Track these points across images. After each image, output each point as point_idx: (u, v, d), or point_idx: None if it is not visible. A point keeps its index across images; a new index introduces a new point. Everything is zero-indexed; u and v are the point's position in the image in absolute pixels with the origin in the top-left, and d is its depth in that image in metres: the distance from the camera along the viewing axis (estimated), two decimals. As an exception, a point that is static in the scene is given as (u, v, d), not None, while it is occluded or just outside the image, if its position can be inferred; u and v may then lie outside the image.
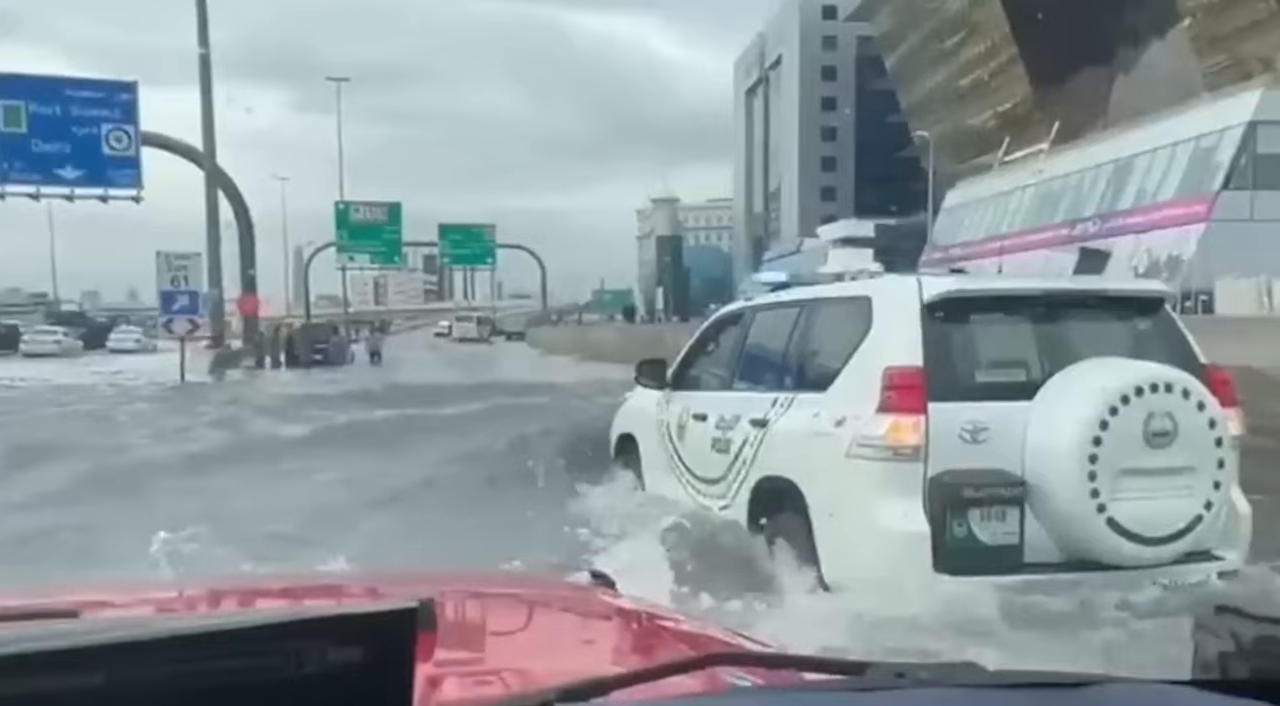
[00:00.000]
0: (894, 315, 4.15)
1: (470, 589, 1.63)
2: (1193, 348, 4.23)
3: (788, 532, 4.33)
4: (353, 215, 49.17)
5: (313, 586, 1.77)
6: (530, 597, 1.64)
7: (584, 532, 5.26)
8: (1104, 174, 33.50)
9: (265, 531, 5.28)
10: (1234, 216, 26.62)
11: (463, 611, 1.44)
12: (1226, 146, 28.24)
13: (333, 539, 4.96)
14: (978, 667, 0.79)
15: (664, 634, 1.37)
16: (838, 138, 70.02)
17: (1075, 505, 3.76)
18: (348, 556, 3.85)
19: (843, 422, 4.10)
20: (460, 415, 11.85)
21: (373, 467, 7.94)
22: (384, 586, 1.64)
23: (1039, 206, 37.13)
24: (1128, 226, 30.83)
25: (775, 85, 76.36)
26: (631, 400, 6.57)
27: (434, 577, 1.79)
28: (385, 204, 50.62)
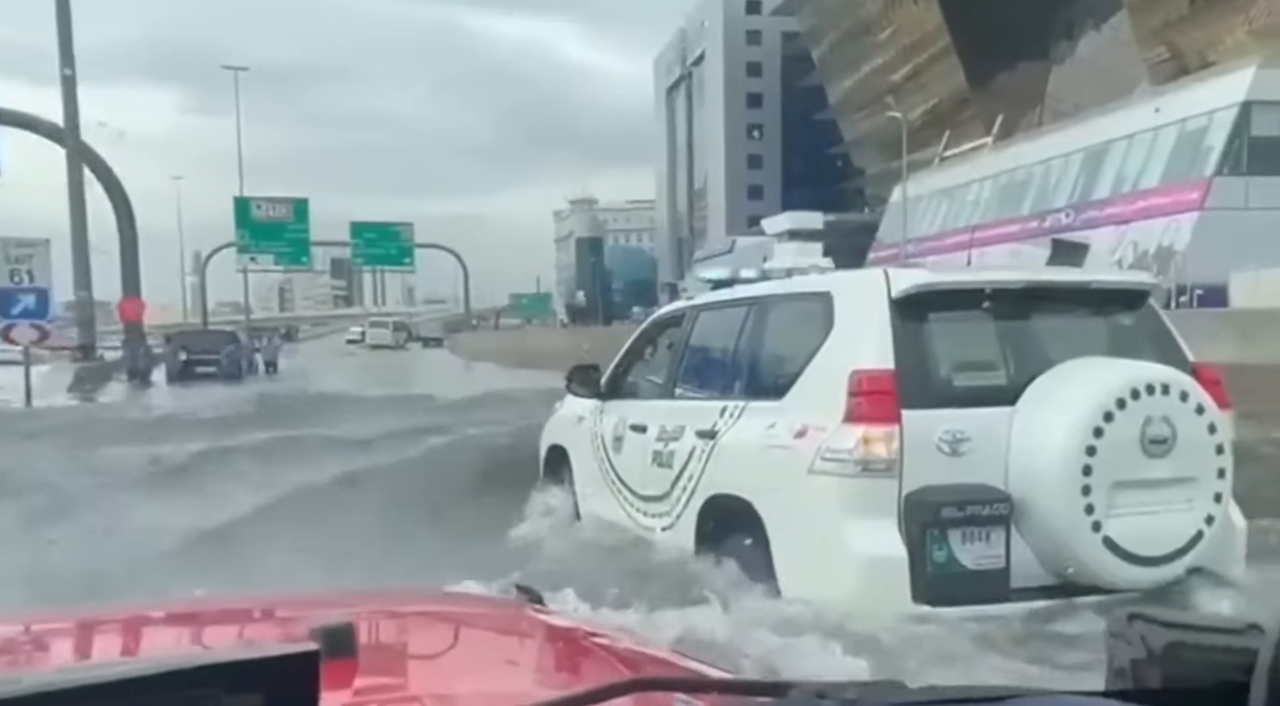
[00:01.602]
0: (859, 312, 3.77)
1: (391, 609, 1.58)
2: (1180, 344, 3.96)
3: (742, 557, 3.92)
4: (254, 212, 46.43)
5: (223, 611, 1.64)
6: (454, 616, 1.58)
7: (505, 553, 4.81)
8: (1074, 162, 32.25)
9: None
10: (1228, 204, 25.11)
11: (383, 634, 1.41)
12: (1218, 129, 26.54)
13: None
14: (900, 685, 0.79)
15: (593, 653, 1.33)
16: (764, 135, 70.43)
17: (1068, 523, 3.43)
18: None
19: (804, 434, 3.70)
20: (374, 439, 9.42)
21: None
22: (300, 610, 1.55)
23: (1001, 198, 36.10)
24: (1107, 217, 29.38)
25: (698, 82, 76.63)
26: (562, 409, 6.11)
27: (353, 599, 1.72)
28: (290, 199, 47.97)
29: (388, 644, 1.41)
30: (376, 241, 49.95)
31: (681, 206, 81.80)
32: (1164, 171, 28.02)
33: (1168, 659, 0.77)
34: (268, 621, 1.53)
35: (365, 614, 1.41)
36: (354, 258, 53.56)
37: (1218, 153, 26.50)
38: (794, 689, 0.78)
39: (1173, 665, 0.76)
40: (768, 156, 70.12)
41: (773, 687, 0.82)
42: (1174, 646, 0.77)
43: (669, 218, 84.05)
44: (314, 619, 1.13)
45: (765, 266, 5.31)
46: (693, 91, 78.61)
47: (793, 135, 66.79)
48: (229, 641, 1.38)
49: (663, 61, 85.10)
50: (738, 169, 70.06)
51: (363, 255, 51.64)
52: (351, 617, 1.12)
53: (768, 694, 0.82)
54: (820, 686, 0.77)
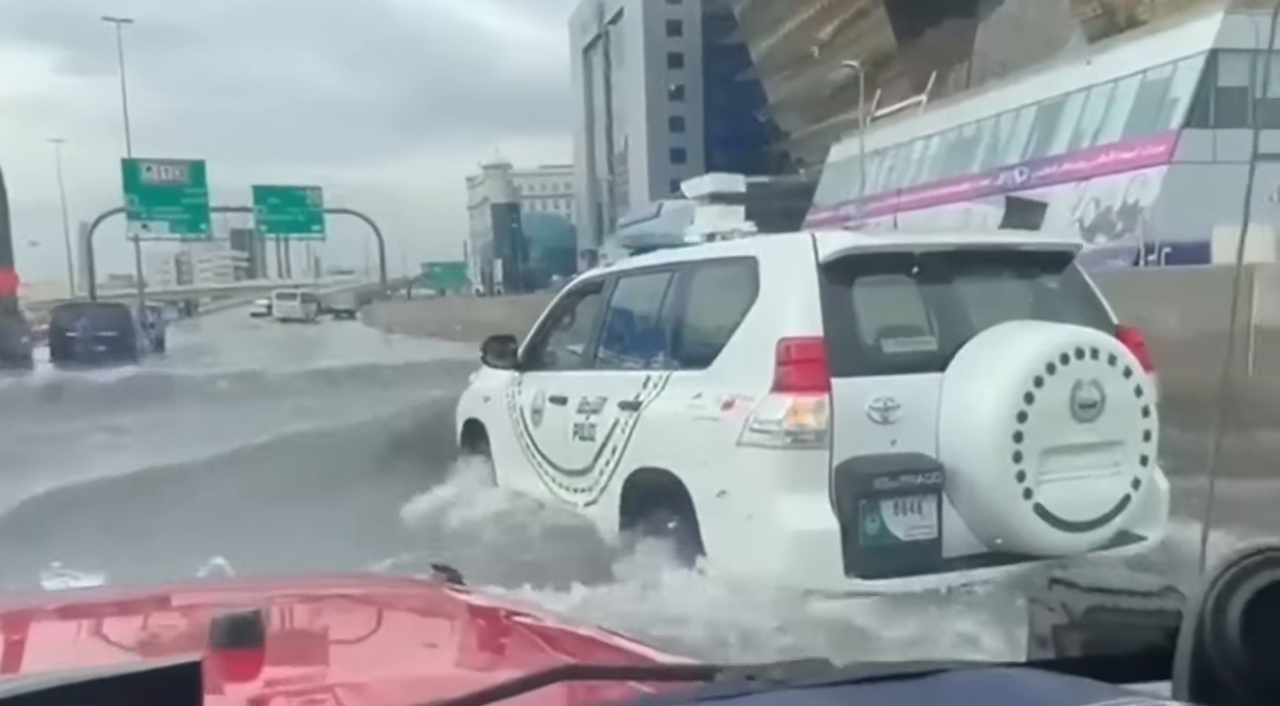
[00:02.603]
0: (786, 277, 3.69)
1: (302, 593, 1.53)
2: (1105, 306, 3.99)
3: (668, 533, 3.85)
4: (144, 175, 43.47)
5: (126, 602, 1.54)
6: (369, 599, 1.54)
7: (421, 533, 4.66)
8: (1027, 117, 30.81)
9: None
10: (1196, 158, 23.66)
11: (293, 620, 1.38)
12: (1184, 79, 25.13)
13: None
14: (826, 663, 0.80)
15: (517, 634, 1.31)
16: (685, 97, 69.85)
17: (1000, 491, 3.43)
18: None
19: (731, 405, 3.62)
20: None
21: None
22: (209, 596, 1.50)
23: (949, 156, 34.45)
24: (1064, 173, 28.10)
25: (616, 42, 75.68)
26: (478, 382, 5.94)
27: (265, 584, 1.65)
28: (184, 162, 45.06)
29: (298, 630, 1.36)
30: (281, 207, 47.34)
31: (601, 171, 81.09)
32: (1125, 125, 26.68)
33: (1089, 624, 0.77)
34: (172, 611, 1.48)
35: (276, 599, 1.37)
36: (258, 225, 50.29)
37: (1184, 104, 25.14)
38: (721, 672, 0.79)
39: (1094, 630, 0.77)
40: (690, 118, 69.56)
41: (701, 671, 0.82)
42: (1094, 611, 0.78)
43: (588, 183, 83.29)
44: (222, 605, 1.09)
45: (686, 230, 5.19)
46: (610, 51, 77.68)
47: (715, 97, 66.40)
48: (129, 638, 1.32)
49: (578, 20, 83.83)
50: (659, 131, 69.39)
51: (267, 222, 48.71)
52: (258, 605, 1.09)
53: (696, 677, 0.82)
54: (748, 669, 0.78)
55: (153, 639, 1.36)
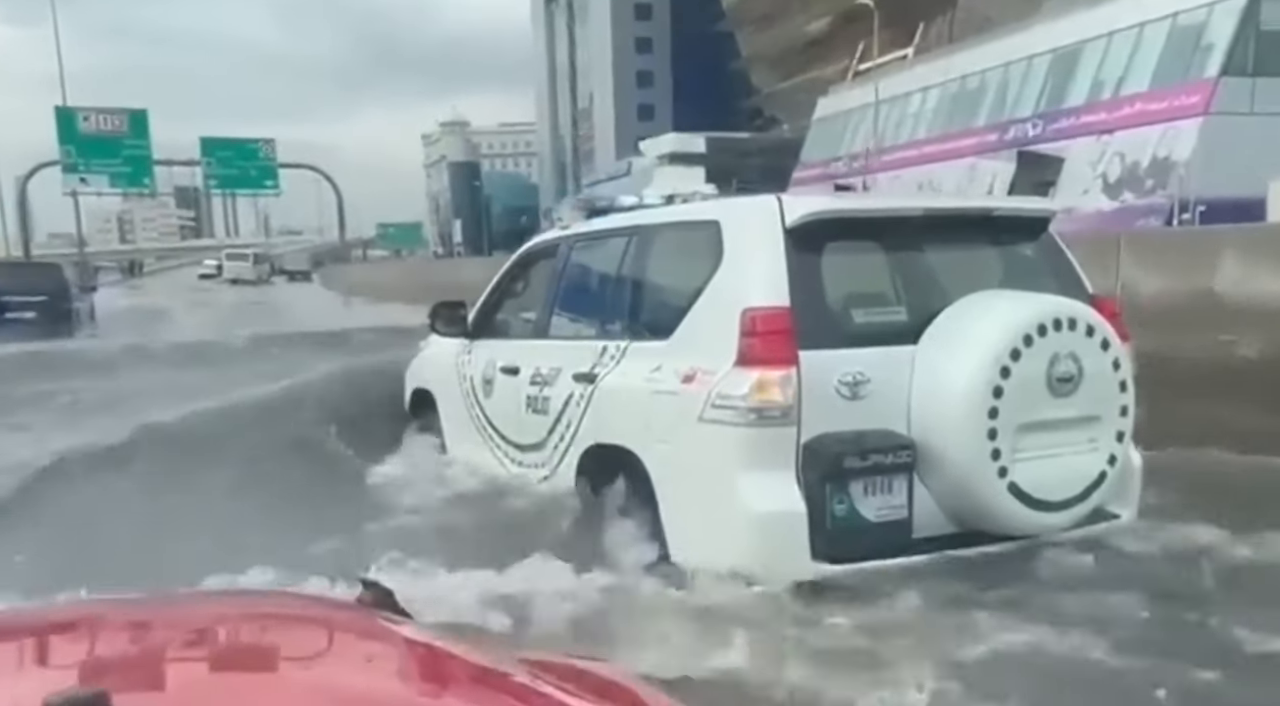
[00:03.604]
0: (751, 243, 3.53)
1: (197, 612, 1.40)
2: (1080, 275, 3.89)
3: (626, 513, 3.72)
4: (81, 124, 41.51)
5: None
6: (279, 625, 1.38)
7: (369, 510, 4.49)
8: (1040, 66, 29.02)
9: None
10: (1233, 109, 22.31)
11: (183, 651, 1.24)
12: (1220, 23, 23.48)
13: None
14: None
15: (448, 672, 1.22)
16: (653, 50, 68.74)
17: (974, 469, 3.33)
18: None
19: (692, 378, 3.48)
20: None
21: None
22: (93, 613, 1.40)
23: (951, 109, 32.74)
24: (1083, 126, 26.43)
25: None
26: (427, 350, 5.75)
27: (163, 601, 1.52)
28: (125, 110, 42.80)
29: (187, 666, 1.22)
30: (232, 161, 45.08)
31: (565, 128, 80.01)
32: (1154, 73, 24.89)
33: None
34: (47, 637, 1.31)
35: (167, 622, 1.29)
36: (206, 180, 48.32)
37: (1221, 50, 23.37)
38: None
39: None
40: (659, 73, 68.39)
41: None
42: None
43: (550, 140, 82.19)
44: (103, 626, 1.04)
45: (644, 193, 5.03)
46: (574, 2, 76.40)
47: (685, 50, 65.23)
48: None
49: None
50: (626, 87, 68.25)
51: (216, 177, 46.27)
52: (150, 619, 1.02)
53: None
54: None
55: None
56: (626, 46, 68.16)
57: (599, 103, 70.71)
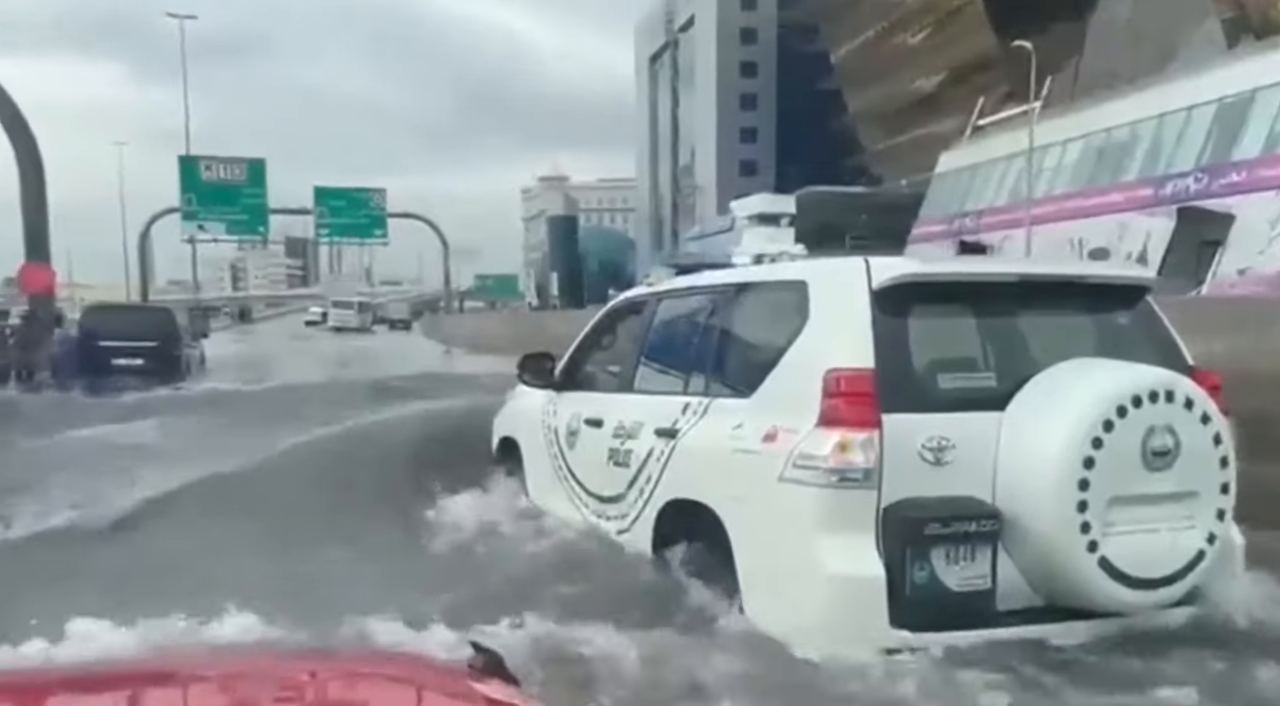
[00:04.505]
0: (837, 305, 3.59)
1: (304, 671, 1.43)
2: (1180, 346, 3.82)
3: (703, 570, 3.77)
4: (202, 173, 43.24)
5: (100, 678, 1.46)
6: (382, 691, 1.42)
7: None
8: (1202, 117, 27.30)
9: None
10: None
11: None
12: None
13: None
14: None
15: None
16: (758, 106, 69.38)
17: (1062, 542, 3.28)
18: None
19: (773, 437, 3.53)
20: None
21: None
22: (199, 668, 1.45)
23: (1096, 162, 31.25)
24: (1258, 180, 24.67)
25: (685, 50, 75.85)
26: (515, 400, 5.92)
27: (263, 660, 1.62)
28: (244, 160, 44.53)
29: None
30: (343, 210, 46.45)
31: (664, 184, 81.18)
32: None
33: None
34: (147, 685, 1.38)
35: (274, 681, 1.33)
36: (318, 228, 48.33)
37: None
38: None
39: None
40: (762, 129, 68.93)
41: None
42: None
43: (649, 196, 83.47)
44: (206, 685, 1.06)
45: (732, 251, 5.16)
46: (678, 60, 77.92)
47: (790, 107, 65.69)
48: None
49: (645, 28, 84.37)
50: (729, 143, 68.91)
51: (327, 225, 47.55)
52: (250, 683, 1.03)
53: None
54: None
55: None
56: (731, 103, 69.04)
57: (701, 158, 71.58)
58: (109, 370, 17.01)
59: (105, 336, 18.69)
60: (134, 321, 20.12)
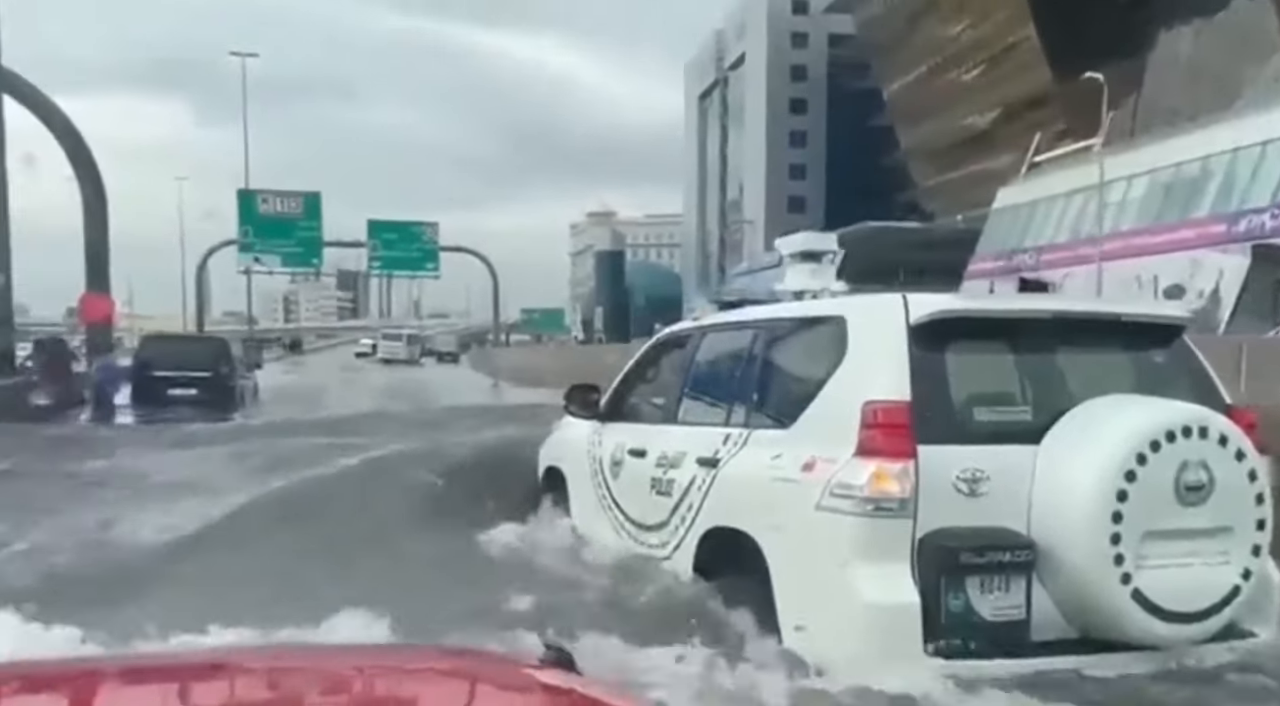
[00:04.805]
0: (875, 339, 3.73)
1: (390, 666, 1.52)
2: (1216, 384, 3.90)
3: (742, 596, 3.88)
4: (260, 206, 44.06)
5: (191, 665, 1.58)
6: (466, 679, 1.49)
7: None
8: (1278, 152, 26.50)
9: None
10: None
11: (379, 698, 1.34)
12: None
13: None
14: None
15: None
16: (807, 143, 69.57)
17: (1095, 573, 3.36)
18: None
19: (811, 466, 3.65)
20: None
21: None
22: (296, 663, 1.53)
23: (1163, 198, 30.67)
24: None
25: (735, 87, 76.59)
26: (560, 430, 6.10)
27: (344, 652, 1.67)
28: (300, 194, 45.36)
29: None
30: (396, 243, 46.94)
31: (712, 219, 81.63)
32: None
33: None
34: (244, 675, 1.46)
35: (361, 670, 1.39)
36: (370, 261, 48.84)
37: None
38: None
39: None
40: (811, 166, 69.20)
41: None
42: None
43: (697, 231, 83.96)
44: (302, 676, 1.10)
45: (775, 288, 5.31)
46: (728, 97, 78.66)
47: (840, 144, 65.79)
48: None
49: (695, 66, 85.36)
50: (778, 179, 69.17)
51: (380, 258, 48.08)
52: (345, 670, 1.09)
53: None
54: None
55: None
56: (780, 139, 69.46)
57: (749, 195, 71.93)
58: (164, 401, 17.10)
59: (161, 366, 18.76)
60: (190, 352, 20.28)
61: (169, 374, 18.51)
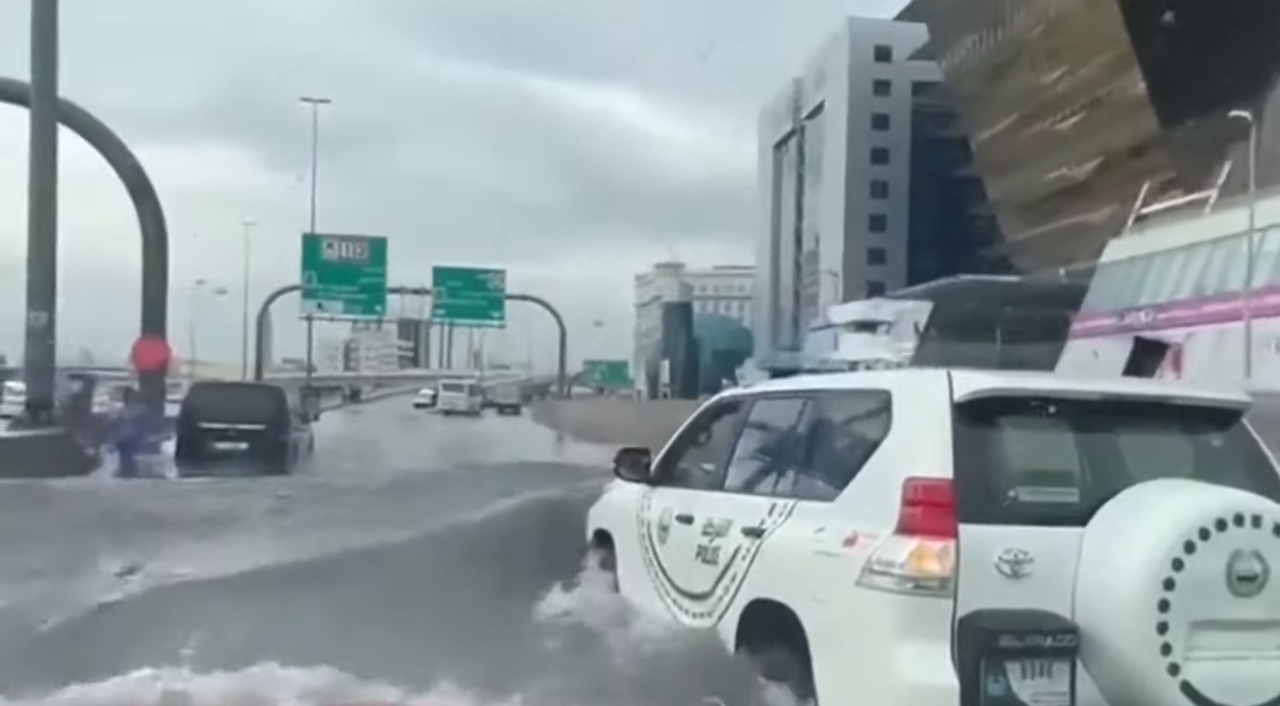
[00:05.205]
0: (919, 414, 3.83)
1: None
2: (1276, 470, 3.91)
3: (782, 671, 3.96)
4: (324, 251, 44.83)
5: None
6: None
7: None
8: None
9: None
10: None
11: None
12: None
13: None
14: None
15: None
16: (888, 194, 69.21)
17: (1142, 663, 3.38)
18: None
19: (853, 542, 3.75)
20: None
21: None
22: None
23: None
24: None
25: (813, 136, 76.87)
26: (611, 493, 6.26)
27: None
28: (366, 239, 46.08)
29: None
30: (461, 290, 47.40)
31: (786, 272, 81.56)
32: None
33: None
34: None
35: None
36: (435, 308, 49.79)
37: None
38: None
39: None
40: (893, 217, 69.00)
41: None
42: None
43: (770, 283, 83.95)
44: None
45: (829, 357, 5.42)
46: (805, 146, 79.01)
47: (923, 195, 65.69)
48: None
49: (770, 115, 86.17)
50: (858, 231, 68.94)
51: (444, 306, 48.59)
52: None
53: None
54: None
55: None
56: (860, 190, 69.35)
57: (826, 246, 71.74)
58: (209, 455, 16.09)
59: (209, 417, 17.69)
60: (241, 402, 19.13)
61: (217, 426, 17.51)
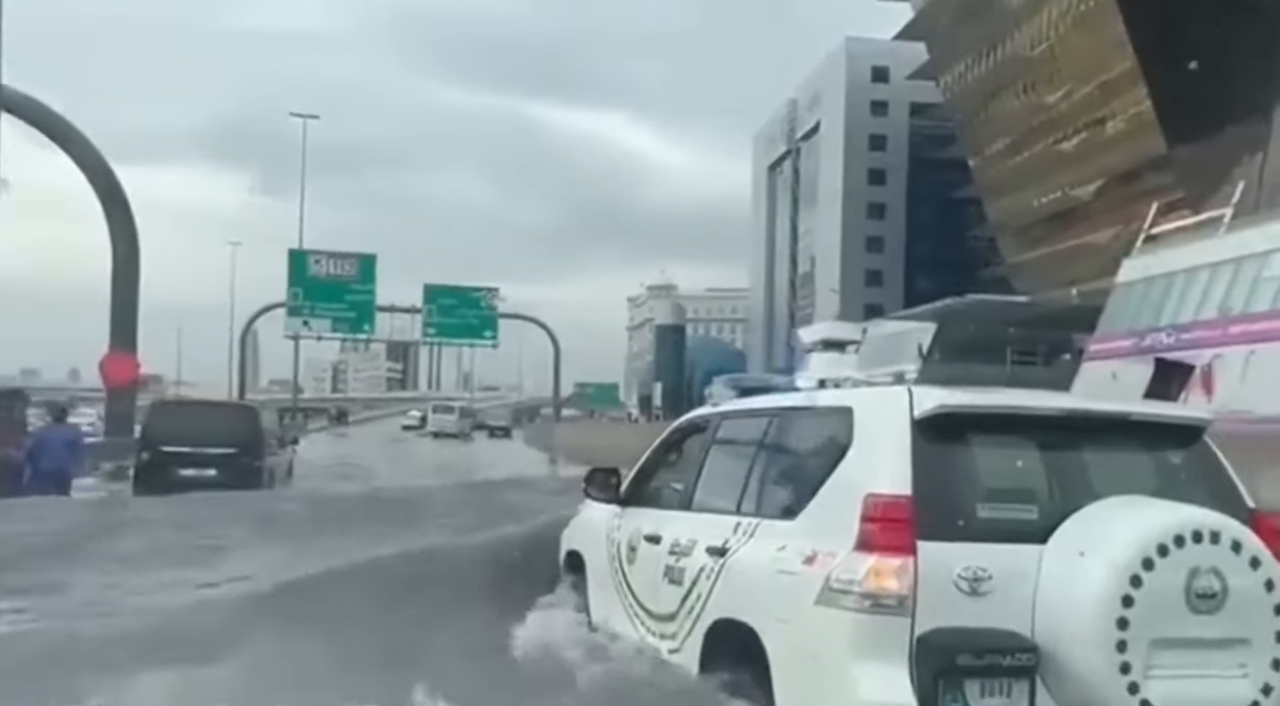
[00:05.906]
0: (879, 431, 3.89)
1: None
2: (1238, 488, 3.98)
3: (745, 691, 4.00)
4: (311, 267, 44.29)
5: None
6: None
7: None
8: None
9: None
10: None
11: None
12: None
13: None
14: None
15: None
16: (885, 216, 69.43)
17: (1101, 680, 3.43)
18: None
19: (813, 560, 3.80)
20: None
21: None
22: None
23: None
24: None
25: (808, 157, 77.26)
26: (583, 513, 6.30)
27: None
28: (355, 255, 45.74)
29: None
30: (453, 309, 46.90)
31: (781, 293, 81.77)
32: None
33: None
34: None
35: None
36: (425, 327, 49.02)
37: None
38: None
39: None
40: (890, 239, 69.23)
41: None
42: None
43: (764, 305, 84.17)
44: None
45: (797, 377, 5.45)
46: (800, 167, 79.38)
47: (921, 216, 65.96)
48: None
49: (765, 137, 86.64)
50: (855, 252, 69.13)
51: (435, 325, 47.97)
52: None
53: None
54: None
55: None
56: (857, 211, 69.54)
57: (821, 267, 71.98)
58: (172, 482, 14.39)
59: (172, 439, 16.15)
60: (209, 422, 17.42)
61: (182, 449, 15.98)
